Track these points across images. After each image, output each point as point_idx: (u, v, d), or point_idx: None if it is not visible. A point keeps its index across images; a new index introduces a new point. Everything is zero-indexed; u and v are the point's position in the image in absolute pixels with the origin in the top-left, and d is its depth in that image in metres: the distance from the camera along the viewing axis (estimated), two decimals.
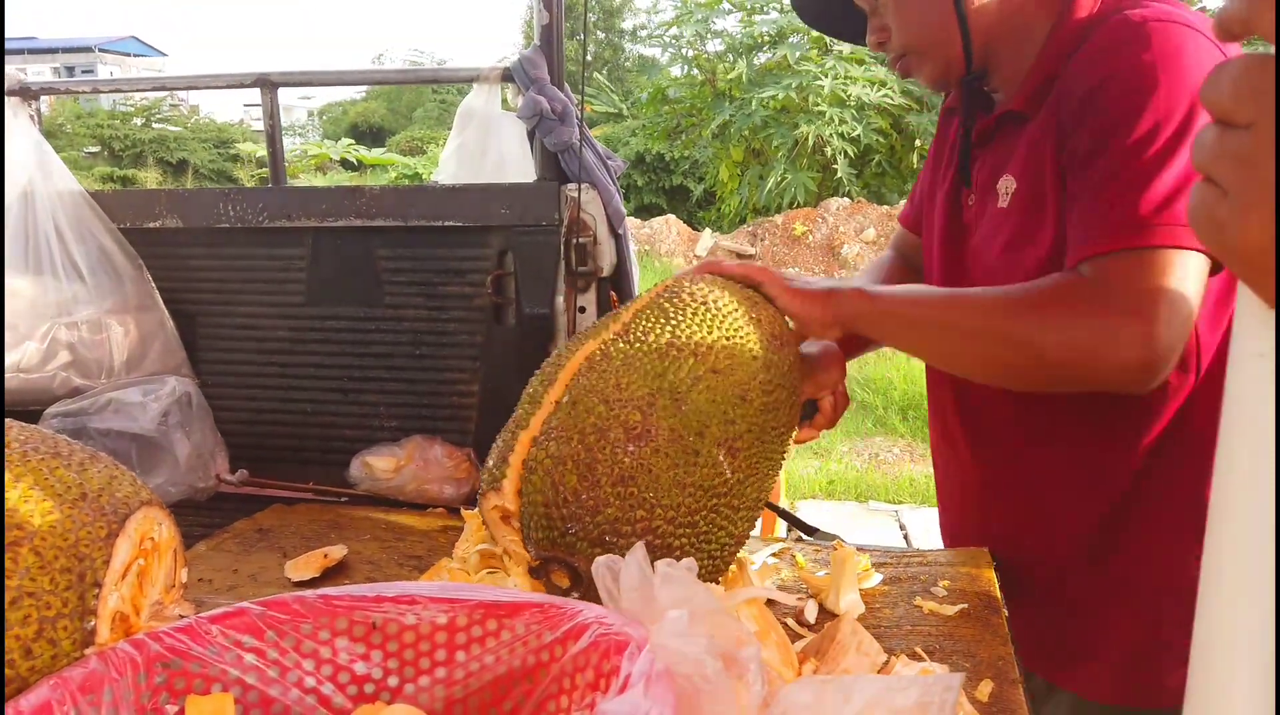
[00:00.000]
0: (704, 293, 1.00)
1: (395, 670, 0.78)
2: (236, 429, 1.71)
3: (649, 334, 0.95)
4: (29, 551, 0.70)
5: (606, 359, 0.93)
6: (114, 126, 23.66)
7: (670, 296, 1.00)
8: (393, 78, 2.09)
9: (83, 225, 1.63)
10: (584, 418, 0.89)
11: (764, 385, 0.96)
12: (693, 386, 0.91)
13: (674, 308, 0.97)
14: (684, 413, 0.90)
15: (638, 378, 0.91)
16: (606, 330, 0.98)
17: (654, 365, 0.92)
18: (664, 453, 0.88)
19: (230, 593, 1.15)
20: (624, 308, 1.03)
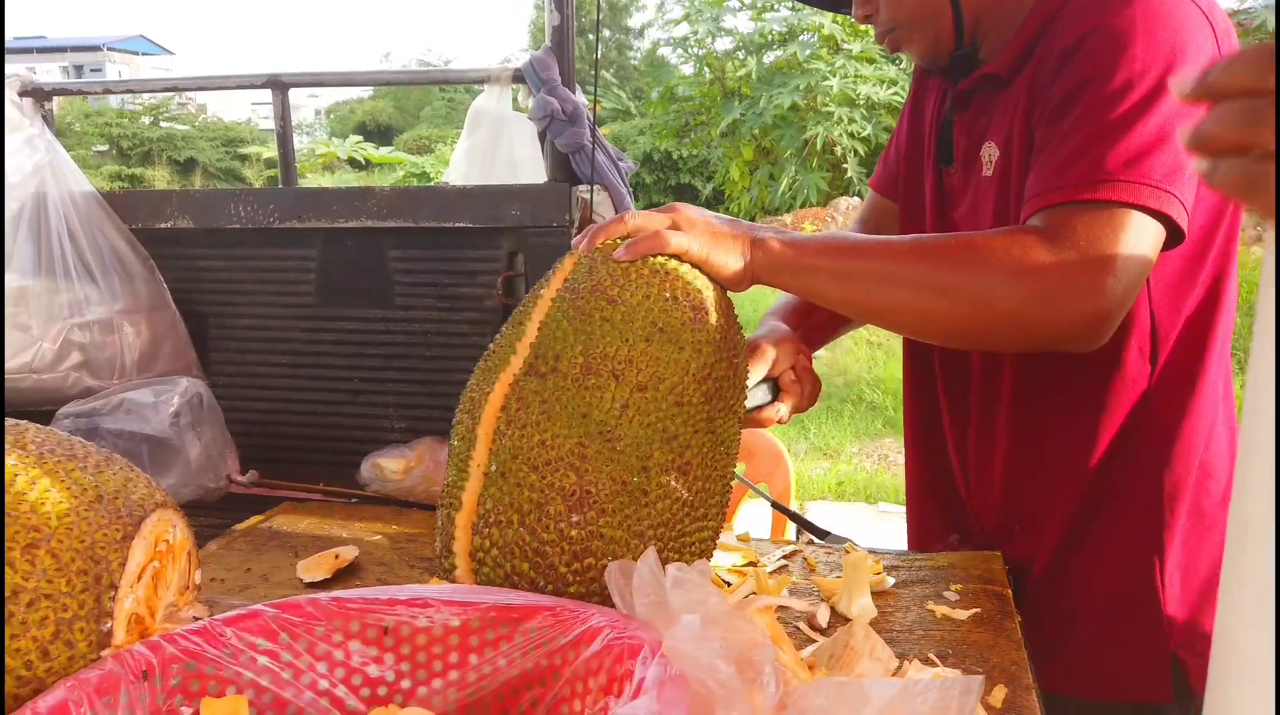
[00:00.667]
0: (605, 287, 0.89)
1: (408, 673, 0.78)
2: (247, 430, 1.72)
3: (560, 360, 0.87)
4: (46, 554, 0.71)
5: (523, 406, 0.86)
6: (122, 125, 23.75)
7: (572, 301, 0.90)
8: (403, 78, 2.10)
9: (95, 226, 1.64)
10: (517, 492, 0.84)
11: (699, 375, 0.88)
12: (621, 415, 0.84)
13: (579, 317, 0.88)
14: (620, 452, 0.84)
15: (561, 426, 0.84)
16: (514, 357, 0.90)
17: (574, 403, 0.85)
18: (610, 510, 0.84)
19: (242, 593, 1.15)
20: (524, 313, 0.93)
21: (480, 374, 0.94)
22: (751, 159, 10.76)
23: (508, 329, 0.95)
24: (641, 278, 0.90)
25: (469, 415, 0.91)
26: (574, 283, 0.92)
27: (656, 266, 0.92)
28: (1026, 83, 1.06)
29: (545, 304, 0.92)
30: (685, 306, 0.90)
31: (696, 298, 0.91)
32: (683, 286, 0.91)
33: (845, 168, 10.28)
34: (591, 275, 0.91)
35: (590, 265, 0.92)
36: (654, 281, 0.90)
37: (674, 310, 0.89)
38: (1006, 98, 1.09)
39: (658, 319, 0.88)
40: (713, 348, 0.90)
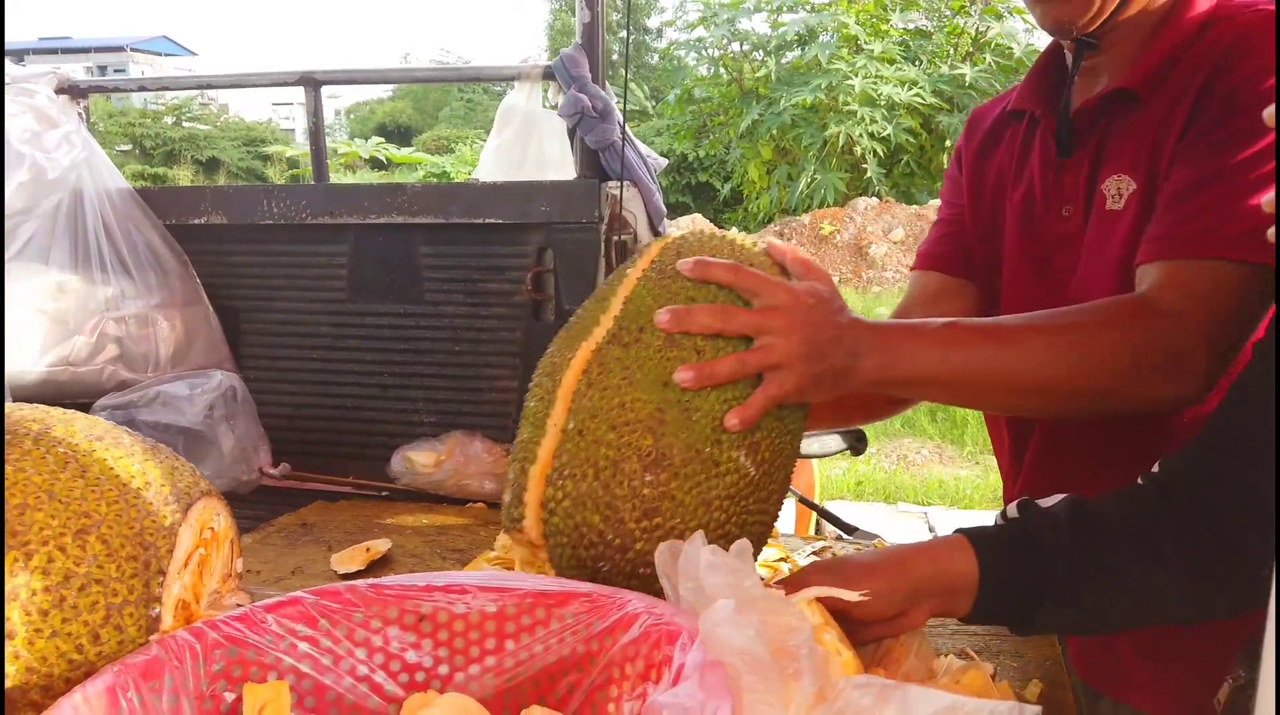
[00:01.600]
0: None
1: (446, 659, 0.79)
2: (278, 423, 1.74)
3: (644, 332, 0.88)
4: (97, 539, 0.72)
5: (605, 372, 0.88)
6: (146, 125, 23.98)
7: (659, 280, 0.91)
8: (435, 76, 2.12)
9: (130, 222, 1.66)
10: (594, 449, 0.86)
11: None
12: (700, 388, 0.86)
13: (665, 296, 0.90)
14: (696, 422, 0.86)
15: (641, 392, 0.86)
16: (597, 328, 0.92)
17: (655, 371, 0.86)
18: (683, 475, 0.86)
19: (278, 584, 1.17)
20: (609, 289, 0.95)
21: (561, 342, 0.95)
22: (770, 158, 10.74)
23: (590, 303, 0.96)
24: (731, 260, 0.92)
25: (549, 377, 0.93)
26: (661, 264, 0.93)
27: (745, 256, 0.94)
28: (1164, 109, 1.00)
29: (631, 282, 0.93)
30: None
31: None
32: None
33: (864, 167, 10.25)
34: (679, 256, 0.92)
35: (679, 249, 0.94)
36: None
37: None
38: (1142, 123, 1.02)
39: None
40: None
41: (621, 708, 0.75)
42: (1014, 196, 1.15)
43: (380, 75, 1.86)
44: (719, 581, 0.74)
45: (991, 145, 1.21)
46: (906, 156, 10.64)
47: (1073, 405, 0.96)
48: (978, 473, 5.26)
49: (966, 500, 4.88)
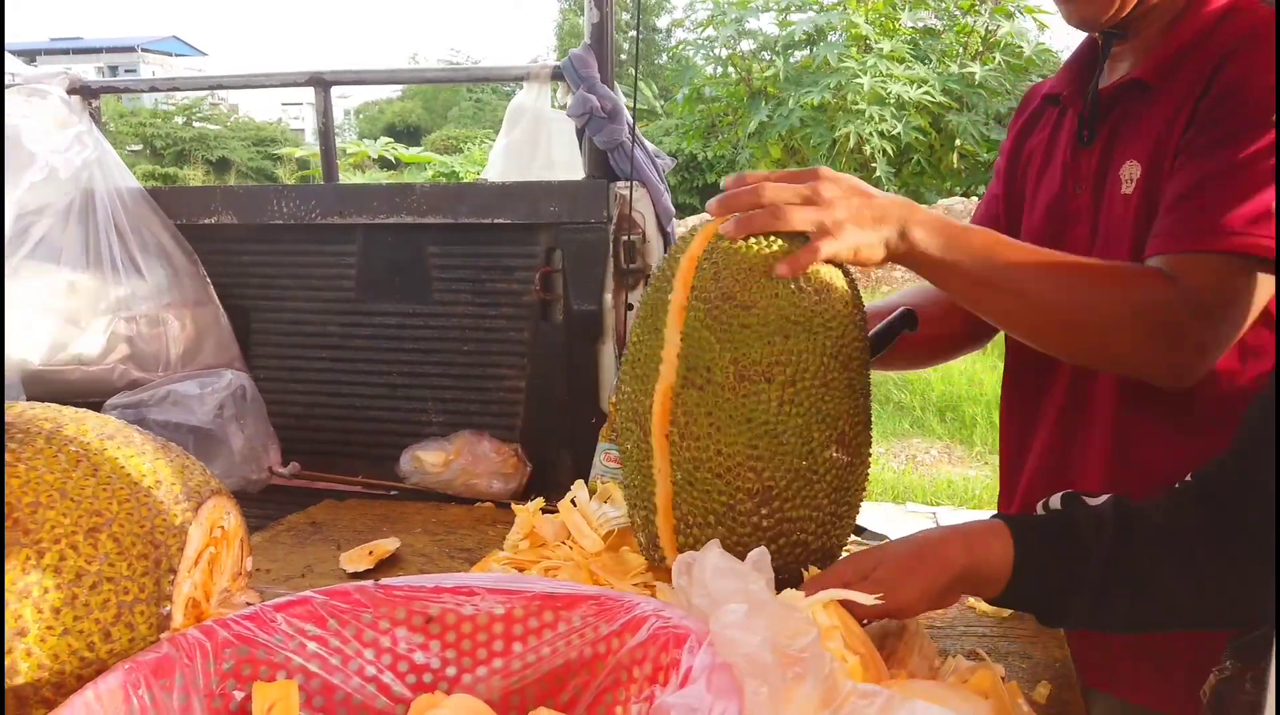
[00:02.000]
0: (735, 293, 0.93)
1: (453, 660, 0.79)
2: (288, 422, 1.74)
3: (712, 371, 0.93)
4: (108, 538, 0.73)
5: (690, 419, 0.93)
6: (156, 125, 24.08)
7: (707, 309, 0.94)
8: (444, 76, 2.12)
9: (141, 221, 1.67)
10: (707, 497, 0.94)
11: (834, 351, 0.94)
12: (780, 412, 0.91)
13: (718, 327, 0.93)
14: (786, 444, 0.91)
15: (730, 434, 0.92)
16: (664, 366, 0.95)
17: (736, 411, 0.92)
18: (790, 495, 0.92)
19: (287, 583, 1.17)
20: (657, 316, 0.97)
21: (633, 381, 1.00)
22: (780, 158, 10.71)
23: (644, 334, 0.99)
24: (765, 274, 0.93)
25: (637, 426, 0.99)
26: (702, 289, 0.95)
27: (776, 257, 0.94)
28: (1175, 100, 1.04)
29: (678, 312, 0.97)
30: (809, 292, 0.94)
31: (817, 278, 0.95)
32: (809, 280, 0.95)
33: (874, 166, 10.22)
34: (718, 282, 0.94)
35: (714, 271, 0.95)
36: (779, 281, 0.93)
37: (801, 299, 0.93)
38: (1153, 112, 1.06)
39: (789, 313, 0.92)
40: (840, 319, 0.95)
41: (629, 710, 0.75)
42: (1043, 177, 1.20)
43: (389, 75, 1.87)
44: (727, 586, 0.74)
45: (1031, 125, 1.27)
46: (916, 156, 10.60)
47: (1075, 342, 1.00)
48: (986, 473, 5.24)
49: (975, 500, 4.86)
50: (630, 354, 1.02)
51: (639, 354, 1.00)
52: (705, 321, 0.94)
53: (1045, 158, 1.22)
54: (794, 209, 0.94)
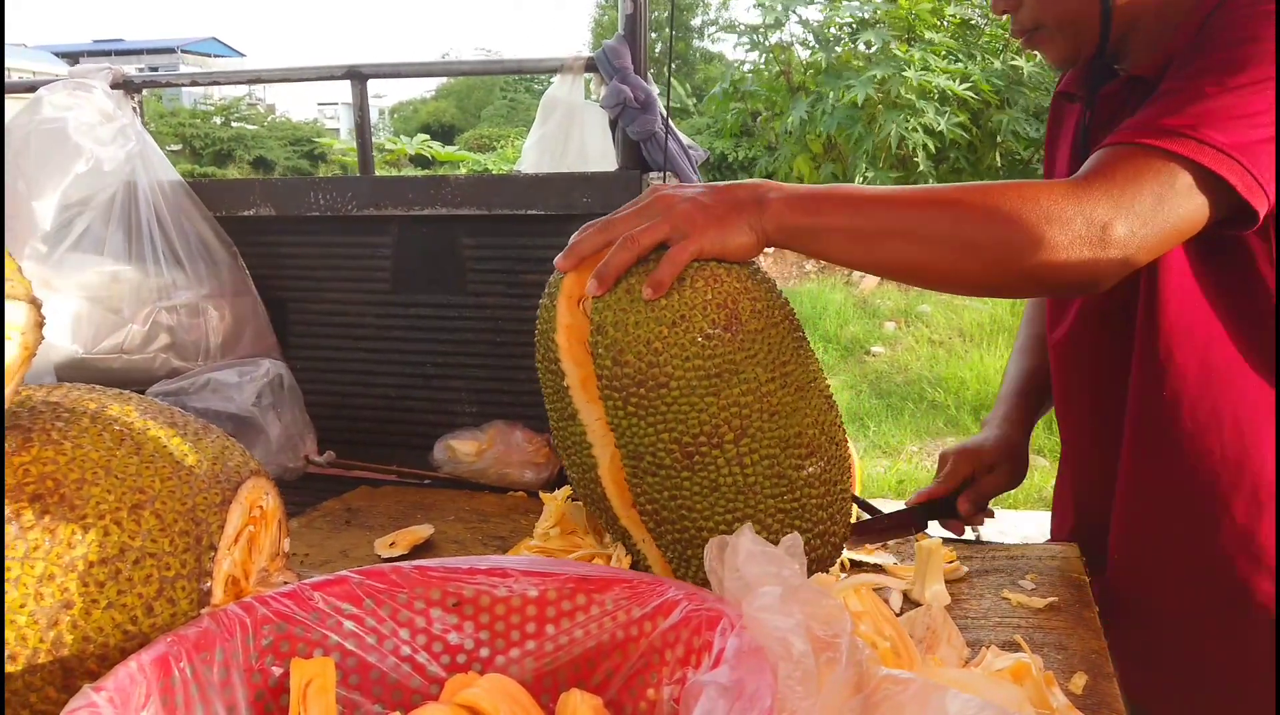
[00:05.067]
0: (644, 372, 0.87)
1: (487, 641, 0.80)
2: (324, 412, 1.77)
3: (658, 455, 0.87)
4: (151, 514, 0.74)
5: (655, 505, 0.90)
6: (195, 125, 24.47)
7: (624, 396, 0.88)
8: (478, 69, 2.14)
9: (182, 214, 1.70)
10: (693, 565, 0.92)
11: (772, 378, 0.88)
12: (742, 468, 0.87)
13: (642, 411, 0.87)
14: (763, 489, 0.89)
15: (702, 506, 0.89)
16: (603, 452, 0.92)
17: (698, 485, 0.88)
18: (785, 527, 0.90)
19: (324, 567, 1.19)
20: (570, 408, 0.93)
21: (575, 468, 0.97)
22: (820, 153, 10.61)
23: (561, 420, 0.96)
24: (665, 341, 0.86)
25: (601, 510, 0.97)
26: (609, 380, 0.88)
27: (670, 316, 0.87)
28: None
29: (590, 400, 0.91)
30: (719, 333, 0.87)
31: (726, 315, 0.88)
32: (705, 317, 0.87)
33: (916, 161, 10.08)
34: (621, 366, 0.87)
35: (612, 355, 0.88)
36: (680, 335, 0.86)
37: (719, 348, 0.86)
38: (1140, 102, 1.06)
39: (709, 367, 0.86)
40: (765, 343, 0.89)
41: (661, 693, 0.75)
42: (1053, 173, 1.24)
43: (425, 68, 1.89)
44: (760, 571, 0.74)
45: (1055, 125, 1.28)
46: (956, 153, 10.46)
47: (975, 266, 0.92)
48: None
49: (1010, 500, 4.81)
50: (557, 437, 0.98)
51: (566, 440, 0.96)
52: (627, 411, 0.87)
53: (1058, 154, 1.24)
54: (644, 232, 0.89)
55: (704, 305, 0.87)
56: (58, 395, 0.81)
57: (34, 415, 0.77)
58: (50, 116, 1.57)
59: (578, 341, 0.92)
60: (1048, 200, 0.88)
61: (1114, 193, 0.88)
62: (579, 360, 0.92)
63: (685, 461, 0.87)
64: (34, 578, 0.69)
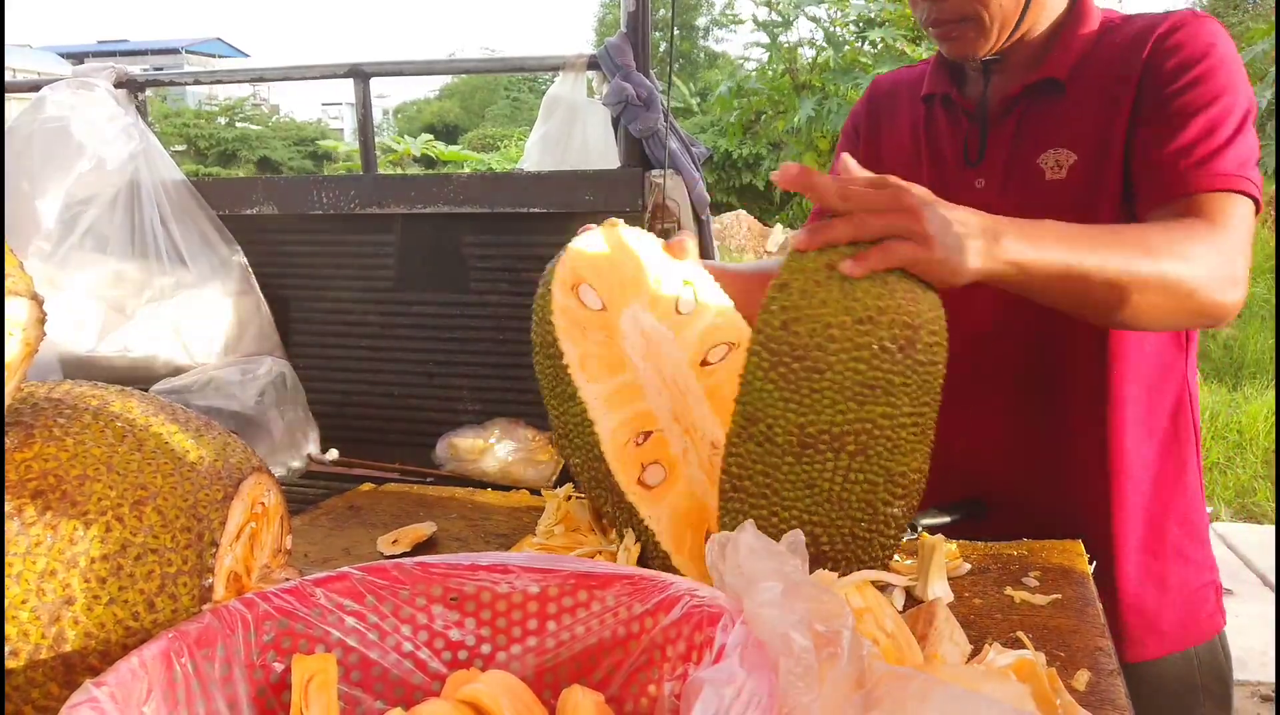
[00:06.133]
0: (808, 351, 0.83)
1: (488, 638, 0.80)
2: (326, 409, 1.77)
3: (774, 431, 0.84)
4: (153, 510, 0.74)
5: (745, 474, 0.87)
6: (199, 126, 24.54)
7: (774, 363, 0.84)
8: (480, 67, 2.14)
9: (185, 212, 1.70)
10: None
11: (912, 412, 0.87)
12: (845, 480, 0.86)
13: (785, 385, 0.84)
14: (848, 507, 0.87)
15: (787, 497, 0.86)
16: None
17: (796, 475, 0.86)
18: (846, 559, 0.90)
19: (326, 564, 1.19)
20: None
21: (576, 451, 0.97)
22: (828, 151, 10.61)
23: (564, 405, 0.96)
24: (845, 332, 0.83)
25: (606, 490, 0.96)
26: (768, 336, 0.85)
27: (859, 312, 0.84)
28: (1093, 91, 1.16)
29: (592, 379, 0.93)
30: (894, 351, 0.84)
31: (904, 334, 0.85)
32: (890, 329, 0.84)
33: None
34: (788, 331, 0.84)
35: (784, 318, 0.84)
36: (860, 335, 0.83)
37: (883, 361, 0.84)
38: (1068, 105, 1.18)
39: (868, 378, 0.83)
40: (921, 378, 0.87)
41: (662, 689, 0.75)
42: (922, 168, 1.27)
43: (427, 67, 1.88)
44: (762, 566, 0.73)
45: (891, 115, 1.35)
46: None
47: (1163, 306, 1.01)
48: None
49: None
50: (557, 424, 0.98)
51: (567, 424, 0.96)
52: (771, 376, 0.84)
53: (924, 150, 1.28)
54: (878, 218, 0.85)
55: (893, 317, 0.84)
56: (60, 392, 0.81)
57: (36, 412, 0.77)
58: (54, 115, 1.58)
59: (573, 323, 0.94)
60: (1207, 242, 1.02)
61: (1233, 238, 1.04)
62: (576, 340, 0.93)
63: (797, 449, 0.84)
64: (36, 574, 0.69)
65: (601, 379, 0.95)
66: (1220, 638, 1.33)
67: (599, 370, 0.95)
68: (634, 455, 0.96)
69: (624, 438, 0.95)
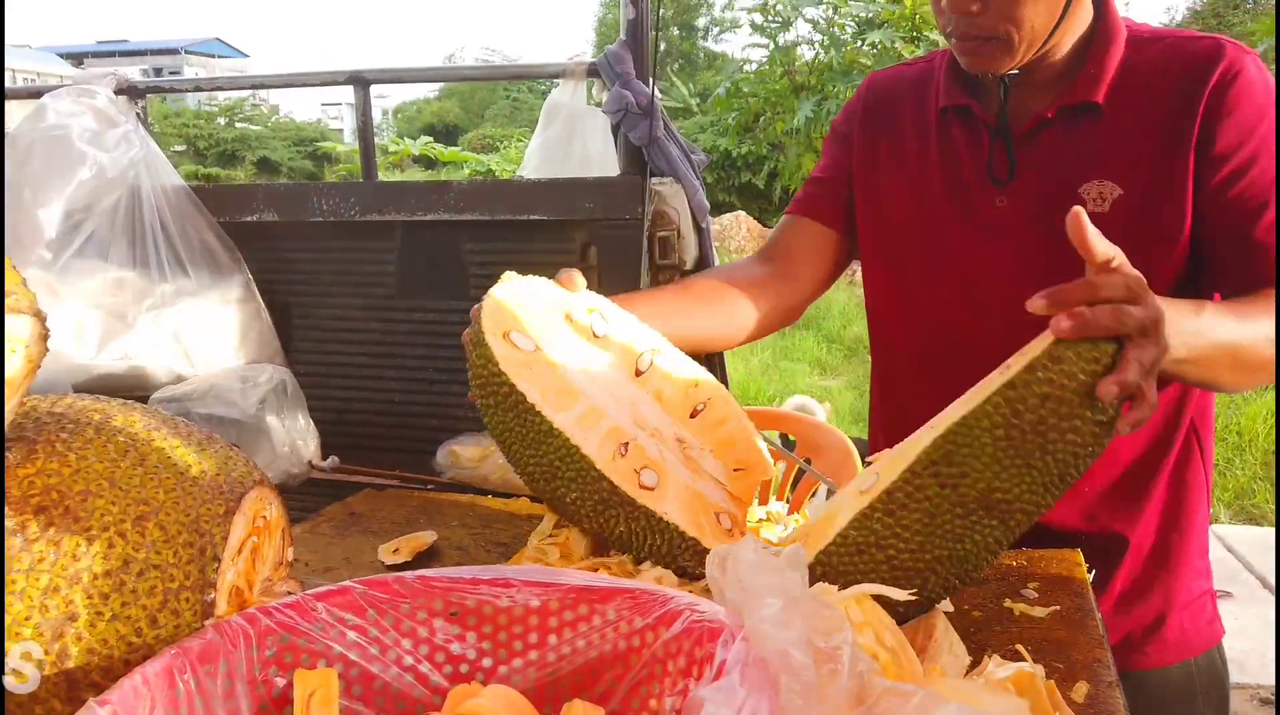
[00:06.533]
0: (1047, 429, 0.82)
1: (489, 652, 0.80)
2: (327, 416, 1.77)
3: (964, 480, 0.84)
4: (155, 526, 0.74)
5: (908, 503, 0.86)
6: (199, 126, 24.54)
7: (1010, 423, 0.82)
8: (480, 74, 2.14)
9: (185, 219, 1.70)
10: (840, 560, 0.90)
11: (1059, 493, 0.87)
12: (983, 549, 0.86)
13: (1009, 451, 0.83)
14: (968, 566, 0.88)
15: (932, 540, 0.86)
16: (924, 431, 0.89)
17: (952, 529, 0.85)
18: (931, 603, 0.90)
19: (327, 574, 1.19)
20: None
21: (563, 484, 0.99)
22: None
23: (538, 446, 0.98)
24: (1083, 429, 0.83)
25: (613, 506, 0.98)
26: (1021, 400, 0.83)
27: (1103, 417, 0.83)
28: (1127, 120, 1.13)
29: (562, 407, 0.96)
30: (1089, 457, 0.85)
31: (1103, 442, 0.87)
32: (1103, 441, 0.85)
33: None
34: (1044, 406, 0.82)
35: (1045, 393, 0.82)
36: (1091, 437, 0.84)
37: (1085, 463, 0.85)
38: (1103, 132, 1.14)
39: (1067, 471, 0.84)
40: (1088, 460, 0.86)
41: (663, 703, 0.75)
42: (933, 180, 1.25)
43: (427, 74, 1.89)
44: (763, 581, 0.74)
45: (890, 119, 1.31)
46: None
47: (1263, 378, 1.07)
48: None
49: None
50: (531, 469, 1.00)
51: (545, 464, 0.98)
52: (997, 435, 0.83)
53: (928, 163, 1.25)
54: (1126, 309, 0.83)
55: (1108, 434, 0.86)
56: (63, 406, 0.82)
57: (39, 427, 0.78)
58: (54, 123, 1.58)
59: (520, 366, 0.98)
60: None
61: None
62: (530, 380, 0.97)
63: (972, 505, 0.85)
64: (39, 590, 0.69)
65: (566, 408, 0.98)
66: (1218, 646, 1.33)
67: (560, 401, 0.98)
68: (625, 465, 0.99)
69: (610, 452, 0.98)
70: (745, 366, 7.47)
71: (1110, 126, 1.15)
